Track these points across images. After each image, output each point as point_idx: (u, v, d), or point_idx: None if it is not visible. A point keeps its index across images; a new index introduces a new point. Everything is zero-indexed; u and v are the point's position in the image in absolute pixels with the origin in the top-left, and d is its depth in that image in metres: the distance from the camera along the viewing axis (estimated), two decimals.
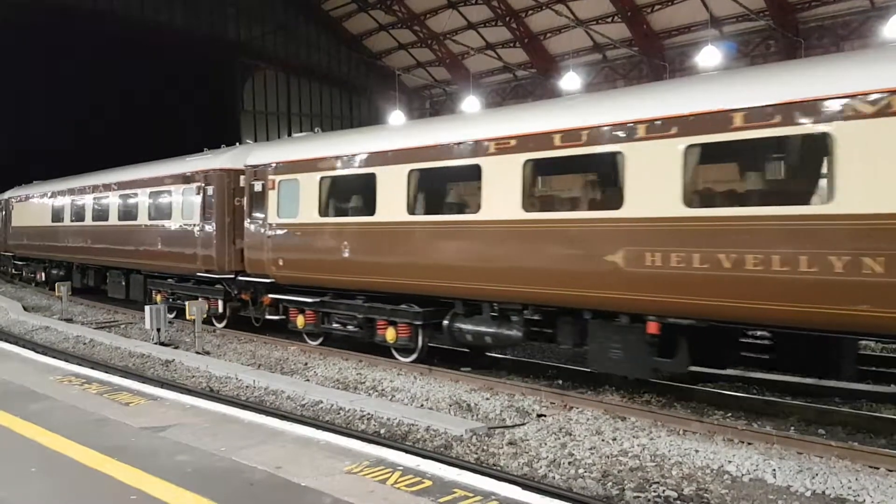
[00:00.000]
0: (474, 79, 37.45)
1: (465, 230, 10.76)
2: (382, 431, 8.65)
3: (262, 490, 5.18)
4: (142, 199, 18.85)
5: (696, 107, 8.18)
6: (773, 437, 7.92)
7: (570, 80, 30.61)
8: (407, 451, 6.63)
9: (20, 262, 29.39)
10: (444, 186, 12.16)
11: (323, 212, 13.02)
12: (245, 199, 15.10)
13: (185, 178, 16.85)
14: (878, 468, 7.06)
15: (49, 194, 25.49)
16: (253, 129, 42.72)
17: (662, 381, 10.16)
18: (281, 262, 13.91)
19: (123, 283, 20.24)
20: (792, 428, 8.38)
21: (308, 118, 44.42)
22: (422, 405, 9.85)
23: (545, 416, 9.15)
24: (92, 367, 11.58)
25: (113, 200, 20.47)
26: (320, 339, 14.13)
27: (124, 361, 13.49)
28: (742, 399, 9.58)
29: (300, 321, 14.03)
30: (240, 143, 21.74)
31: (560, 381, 11.06)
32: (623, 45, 31.57)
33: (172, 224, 17.38)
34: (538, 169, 10.08)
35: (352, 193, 12.83)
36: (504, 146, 10.09)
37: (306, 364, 12.76)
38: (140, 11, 37.50)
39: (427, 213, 11.55)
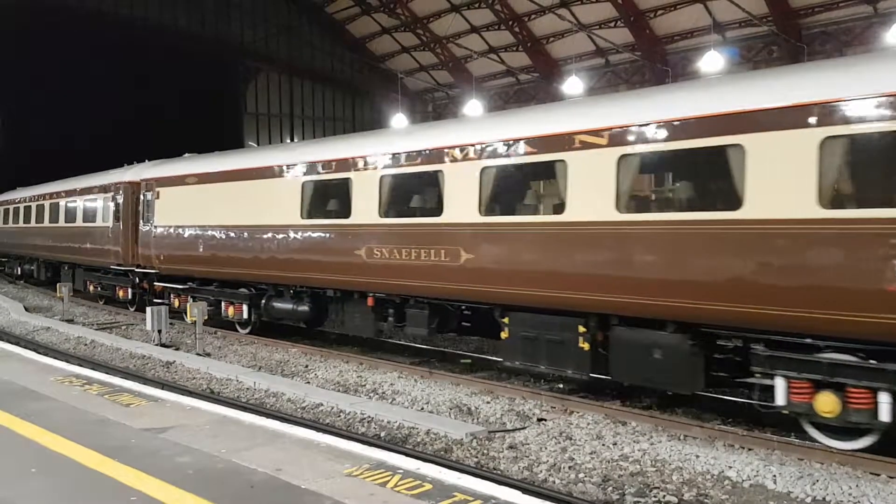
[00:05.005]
0: (477, 82, 37.48)
1: None
2: (383, 434, 8.65)
3: (263, 492, 5.18)
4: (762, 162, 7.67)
5: None
6: (774, 442, 7.92)
7: (573, 85, 30.62)
8: (407, 455, 6.65)
9: (175, 286, 17.78)
10: None
11: None
12: None
13: None
14: (878, 475, 7.06)
15: (312, 167, 13.52)
16: (255, 132, 42.79)
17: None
18: None
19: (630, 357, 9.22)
20: (793, 434, 8.37)
21: (311, 121, 44.53)
22: (422, 408, 9.85)
23: (546, 420, 9.14)
24: (93, 368, 11.60)
25: (603, 166, 9.02)
26: None
27: (125, 363, 13.50)
28: (743, 404, 9.56)
29: None
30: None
31: (561, 386, 11.06)
32: (626, 50, 31.59)
33: None
34: None
35: None
36: None
37: (307, 366, 12.76)
38: (144, 13, 37.64)
39: None
